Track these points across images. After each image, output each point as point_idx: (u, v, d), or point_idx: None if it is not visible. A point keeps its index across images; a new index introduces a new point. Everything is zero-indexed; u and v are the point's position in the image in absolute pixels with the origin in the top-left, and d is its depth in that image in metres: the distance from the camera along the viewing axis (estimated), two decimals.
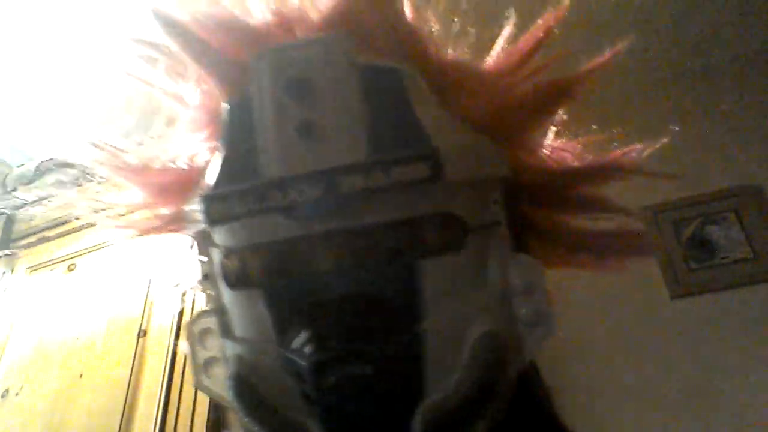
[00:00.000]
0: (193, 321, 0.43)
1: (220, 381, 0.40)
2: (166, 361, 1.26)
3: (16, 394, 1.44)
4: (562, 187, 0.47)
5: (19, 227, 1.78)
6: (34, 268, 1.69)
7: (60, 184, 1.80)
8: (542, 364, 0.46)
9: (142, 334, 1.36)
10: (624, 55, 0.52)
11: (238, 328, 0.41)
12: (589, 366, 1.44)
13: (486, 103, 0.42)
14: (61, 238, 1.70)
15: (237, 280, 0.40)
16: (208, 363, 0.42)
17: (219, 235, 0.40)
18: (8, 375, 1.49)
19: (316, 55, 0.38)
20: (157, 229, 0.47)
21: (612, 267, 0.48)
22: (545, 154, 0.46)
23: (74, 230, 1.69)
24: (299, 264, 0.38)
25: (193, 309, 1.31)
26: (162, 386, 1.22)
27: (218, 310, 0.42)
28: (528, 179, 0.44)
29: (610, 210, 0.47)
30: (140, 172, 0.46)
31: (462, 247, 0.38)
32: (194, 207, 0.41)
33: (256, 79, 0.38)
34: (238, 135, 0.39)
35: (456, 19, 0.48)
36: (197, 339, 0.43)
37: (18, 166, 1.95)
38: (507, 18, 0.48)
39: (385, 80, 0.39)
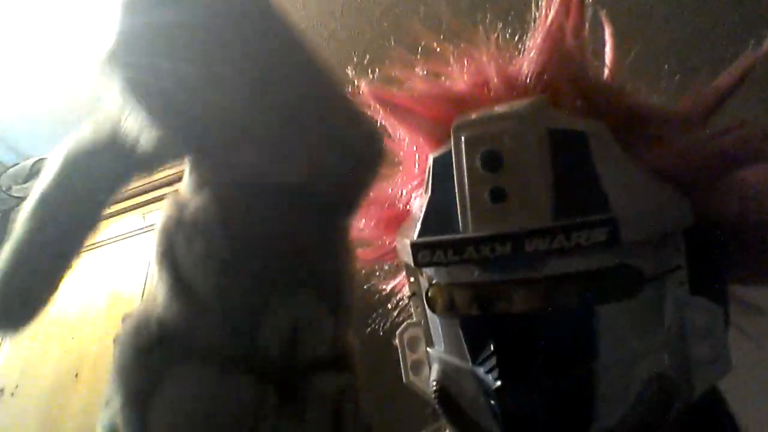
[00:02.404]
0: (404, 329, 0.53)
1: (425, 380, 0.50)
2: None
3: (12, 394, 1.43)
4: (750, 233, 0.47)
5: (14, 227, 1.77)
6: None
7: None
8: None
9: None
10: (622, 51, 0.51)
11: (439, 343, 0.49)
12: None
13: (675, 155, 0.45)
14: None
15: (439, 309, 0.48)
16: (415, 365, 0.52)
17: (426, 269, 0.48)
18: (3, 374, 1.48)
19: (508, 129, 0.42)
20: (380, 257, 0.57)
21: None
22: (735, 198, 0.46)
23: None
24: (490, 304, 0.45)
25: None
26: None
27: (423, 325, 0.51)
28: (716, 223, 0.46)
29: None
30: (368, 207, 0.55)
31: (638, 294, 0.42)
32: (404, 247, 0.48)
33: (456, 147, 0.44)
34: (440, 188, 0.46)
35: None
36: (406, 344, 0.53)
37: (12, 166, 1.94)
38: (696, 66, 0.48)
39: (571, 146, 0.43)
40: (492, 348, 0.43)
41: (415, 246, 0.46)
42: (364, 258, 0.57)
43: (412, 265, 0.47)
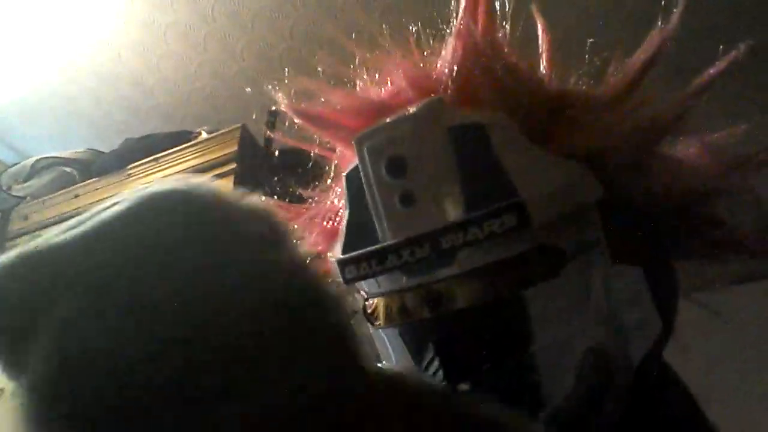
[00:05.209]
0: None
1: None
2: None
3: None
4: (670, 206, 0.48)
5: (13, 226, 1.77)
6: None
7: (55, 182, 1.79)
8: None
9: None
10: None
11: (387, 356, 0.49)
12: None
13: (589, 139, 0.45)
14: None
15: (376, 321, 0.48)
16: None
17: (359, 282, 0.48)
18: (3, 375, 1.47)
19: (406, 132, 0.43)
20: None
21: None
22: (652, 171, 0.48)
23: None
24: (420, 308, 0.45)
25: None
26: None
27: (371, 342, 0.51)
28: (634, 197, 0.47)
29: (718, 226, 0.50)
30: (311, 222, 0.55)
31: (560, 273, 0.43)
32: (333, 263, 0.48)
33: (361, 159, 0.45)
34: (356, 203, 0.47)
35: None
36: None
37: (12, 165, 1.94)
38: (616, 49, 0.51)
39: (471, 139, 0.43)
40: (433, 350, 0.43)
41: (340, 263, 0.47)
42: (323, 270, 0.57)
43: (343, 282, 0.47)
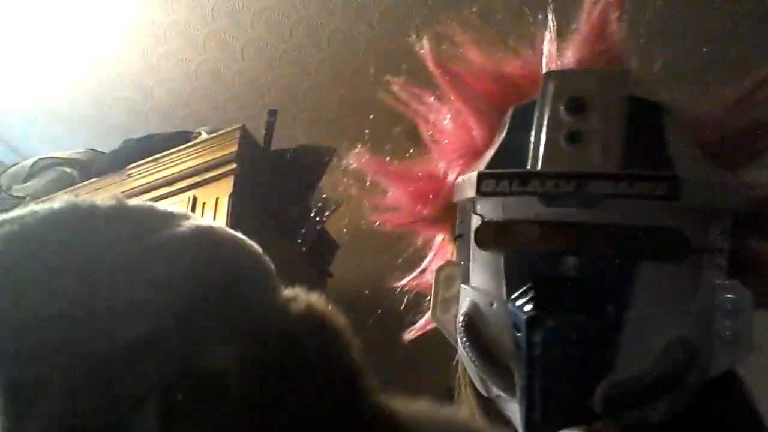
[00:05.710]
0: (442, 267, 0.54)
1: (450, 319, 0.52)
2: None
3: None
4: None
5: None
6: None
7: (55, 183, 1.79)
8: None
9: None
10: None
11: (476, 279, 0.51)
12: None
13: (715, 129, 0.48)
14: None
15: (488, 244, 0.49)
16: (445, 302, 0.53)
17: (481, 207, 0.50)
18: None
19: (595, 82, 0.47)
20: (410, 225, 0.59)
21: None
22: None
23: None
24: (542, 241, 0.47)
25: None
26: None
27: (464, 263, 0.52)
28: (757, 212, 0.48)
29: None
30: (401, 177, 0.57)
31: (681, 261, 0.45)
32: (466, 180, 0.51)
33: (543, 92, 0.48)
34: (515, 132, 0.50)
35: None
36: (442, 281, 0.54)
37: (12, 166, 1.93)
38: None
39: (648, 111, 0.47)
40: (531, 281, 0.45)
41: (481, 175, 0.48)
42: (393, 221, 0.59)
43: (474, 195, 0.49)
